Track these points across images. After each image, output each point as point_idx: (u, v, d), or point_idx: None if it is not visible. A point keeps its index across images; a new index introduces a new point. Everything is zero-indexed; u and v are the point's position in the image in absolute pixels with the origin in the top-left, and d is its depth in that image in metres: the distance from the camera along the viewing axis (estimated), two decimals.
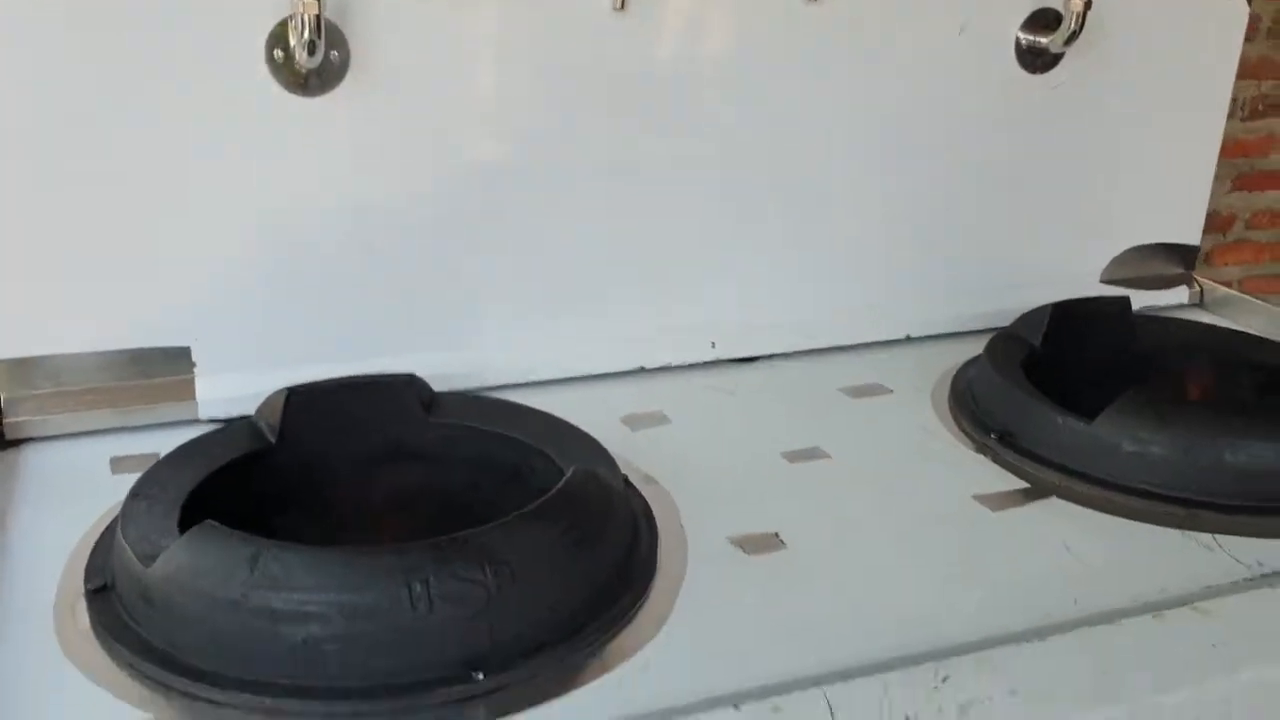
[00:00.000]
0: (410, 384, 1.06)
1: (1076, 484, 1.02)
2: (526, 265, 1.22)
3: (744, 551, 0.92)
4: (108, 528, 0.92)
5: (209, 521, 0.79)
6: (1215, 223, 2.17)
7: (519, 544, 0.80)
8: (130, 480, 0.98)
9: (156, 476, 0.91)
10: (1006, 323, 1.31)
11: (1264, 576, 0.88)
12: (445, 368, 1.14)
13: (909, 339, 1.37)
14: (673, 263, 1.28)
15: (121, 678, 0.76)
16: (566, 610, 0.81)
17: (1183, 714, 0.74)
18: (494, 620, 0.77)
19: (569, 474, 0.88)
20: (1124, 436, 1.02)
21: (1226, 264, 2.21)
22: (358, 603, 0.74)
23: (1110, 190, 1.47)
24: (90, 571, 0.86)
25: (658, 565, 0.89)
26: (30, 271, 1.05)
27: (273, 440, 0.99)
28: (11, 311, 1.06)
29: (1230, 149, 2.10)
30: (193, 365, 1.12)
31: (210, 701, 0.73)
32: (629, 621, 0.83)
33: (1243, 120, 2.09)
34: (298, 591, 0.74)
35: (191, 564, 0.77)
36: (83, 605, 0.83)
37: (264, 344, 1.14)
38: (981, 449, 1.11)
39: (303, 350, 1.14)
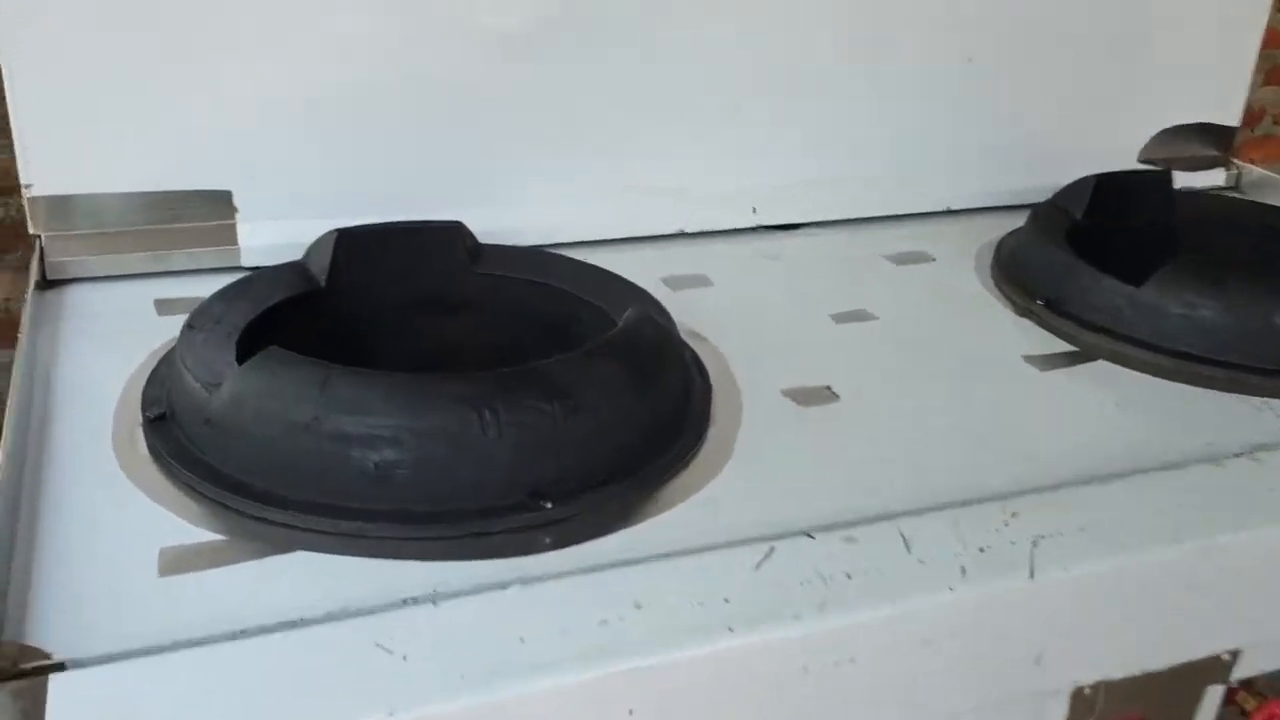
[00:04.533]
0: (457, 232, 1.04)
1: (1123, 347, 1.02)
2: (568, 124, 1.20)
3: (797, 403, 0.92)
4: (161, 361, 0.91)
5: (274, 347, 0.78)
6: (1244, 117, 2.15)
7: (583, 378, 0.80)
8: (176, 322, 0.97)
9: (210, 311, 0.90)
10: (1043, 198, 1.30)
11: None
12: (484, 224, 1.12)
13: (949, 211, 1.36)
14: (716, 127, 1.26)
15: (185, 501, 0.76)
16: (628, 447, 0.81)
17: (1245, 554, 0.75)
18: (559, 451, 0.77)
19: (627, 315, 0.87)
20: (1172, 301, 1.02)
21: (1252, 160, 2.19)
22: (429, 427, 0.74)
23: (1151, 68, 1.45)
24: (147, 401, 0.86)
25: (713, 413, 0.89)
26: (71, 107, 1.03)
27: (322, 283, 0.98)
28: (52, 148, 1.04)
29: (1267, 40, 2.07)
30: (235, 210, 1.10)
31: (281, 525, 0.73)
32: (689, 462, 0.83)
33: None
34: (370, 415, 0.74)
35: (259, 387, 0.76)
36: (141, 433, 0.83)
37: (307, 192, 1.12)
38: (1025, 313, 1.10)
39: (346, 201, 1.12)
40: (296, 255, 1.06)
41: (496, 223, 1.16)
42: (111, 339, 0.97)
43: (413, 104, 1.13)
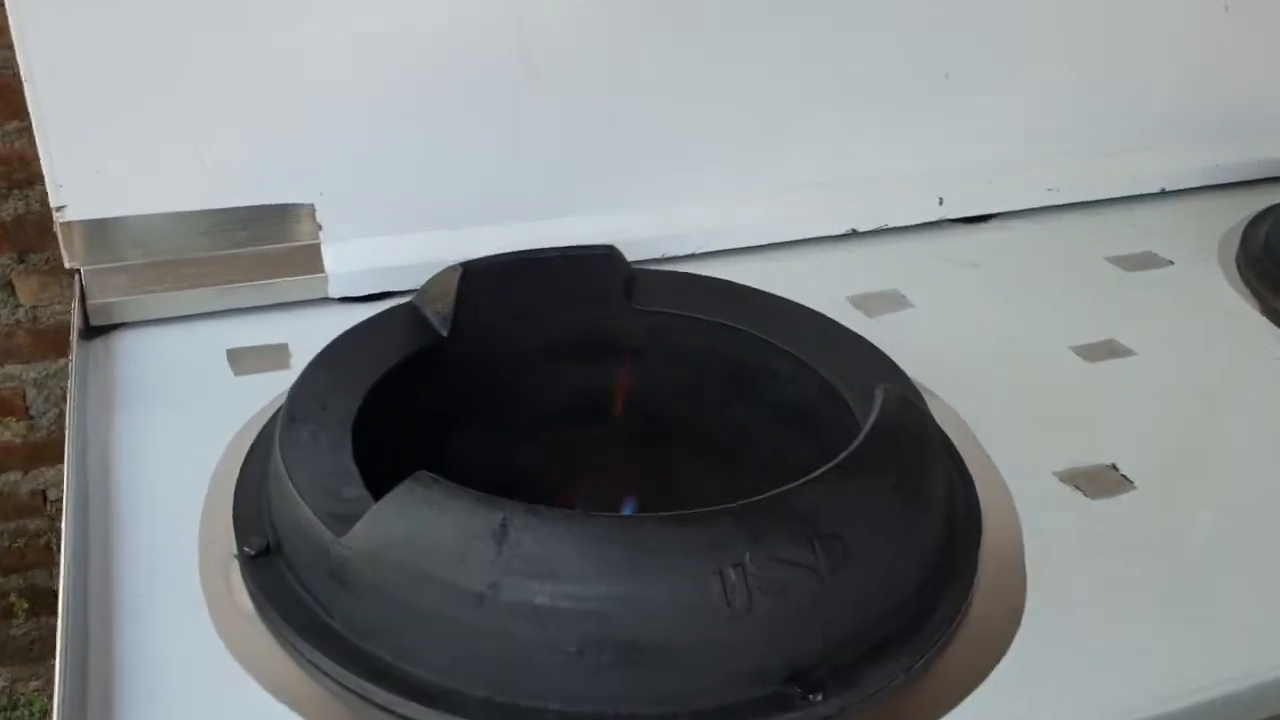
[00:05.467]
0: (609, 261, 0.82)
1: None
2: (713, 103, 0.96)
3: (1081, 493, 0.70)
4: (250, 453, 0.70)
5: (423, 473, 0.57)
6: None
7: (850, 507, 0.58)
8: (256, 384, 0.78)
9: (311, 389, 0.68)
10: (1269, 174, 1.07)
11: None
12: (617, 233, 0.89)
13: (1163, 193, 1.13)
14: (892, 103, 1.02)
15: (314, 693, 0.55)
16: (903, 595, 0.59)
17: None
18: (828, 617, 0.56)
19: (881, 403, 0.65)
20: None
21: None
22: (653, 597, 0.53)
23: None
24: (241, 523, 0.64)
25: (983, 518, 0.67)
26: (110, 105, 0.80)
27: (444, 332, 0.76)
28: (88, 158, 0.81)
29: None
30: (318, 228, 0.88)
31: None
32: (972, 601, 0.62)
33: None
34: (567, 580, 0.52)
35: (408, 536, 0.55)
36: (238, 573, 0.62)
37: (405, 202, 0.90)
38: None
39: (454, 211, 0.90)
40: (394, 280, 0.87)
41: (632, 230, 0.94)
42: (180, 412, 0.76)
43: (528, 90, 0.89)
